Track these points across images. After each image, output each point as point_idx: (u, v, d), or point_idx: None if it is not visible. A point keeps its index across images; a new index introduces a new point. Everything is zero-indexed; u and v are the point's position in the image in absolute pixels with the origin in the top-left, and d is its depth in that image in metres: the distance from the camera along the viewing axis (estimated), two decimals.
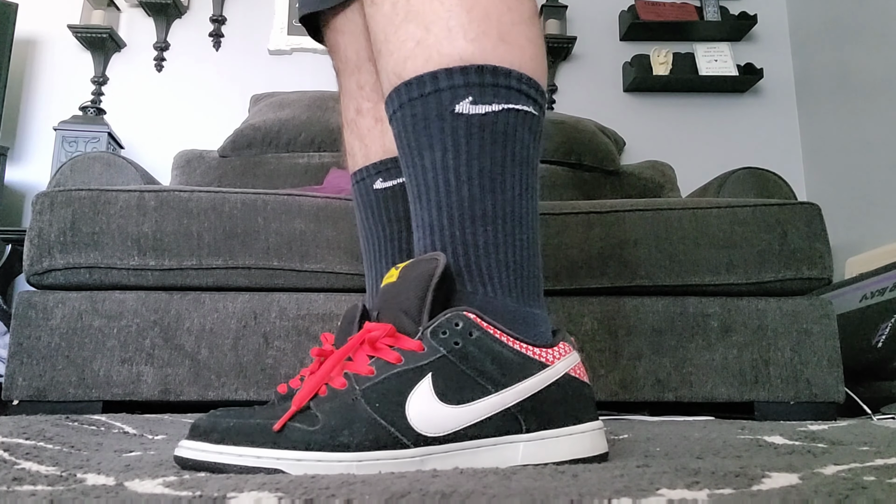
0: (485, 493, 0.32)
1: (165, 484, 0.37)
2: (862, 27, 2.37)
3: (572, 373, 0.51)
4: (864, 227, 2.33)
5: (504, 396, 0.48)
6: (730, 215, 1.37)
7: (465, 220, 0.52)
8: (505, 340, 0.49)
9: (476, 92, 0.52)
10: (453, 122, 0.52)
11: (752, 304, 1.35)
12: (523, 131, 0.53)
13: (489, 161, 0.52)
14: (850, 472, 0.39)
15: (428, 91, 0.52)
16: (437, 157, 0.52)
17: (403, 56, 0.53)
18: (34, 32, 2.58)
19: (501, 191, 0.52)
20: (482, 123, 0.52)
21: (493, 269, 0.52)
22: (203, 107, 2.59)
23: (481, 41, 0.52)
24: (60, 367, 1.24)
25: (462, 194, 0.52)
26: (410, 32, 0.53)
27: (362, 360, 0.48)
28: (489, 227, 0.52)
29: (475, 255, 0.52)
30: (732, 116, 2.71)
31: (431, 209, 0.53)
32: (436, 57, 0.52)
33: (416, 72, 0.52)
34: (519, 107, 0.53)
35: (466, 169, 0.52)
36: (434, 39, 0.52)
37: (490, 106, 0.52)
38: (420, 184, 0.54)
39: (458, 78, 0.52)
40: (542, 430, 0.49)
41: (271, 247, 1.31)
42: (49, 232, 1.27)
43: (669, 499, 0.31)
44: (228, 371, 1.27)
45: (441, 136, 0.52)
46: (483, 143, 0.52)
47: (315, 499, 0.32)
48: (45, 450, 0.52)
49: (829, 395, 1.32)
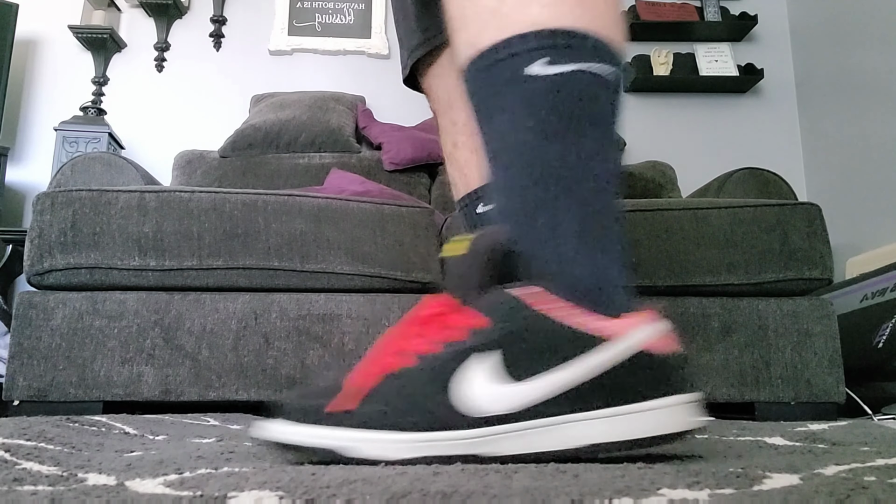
0: (485, 493, 0.32)
1: (166, 483, 0.37)
2: (862, 27, 2.36)
3: (648, 345, 0.47)
4: (864, 228, 2.32)
5: (571, 372, 0.45)
6: (730, 215, 1.37)
7: (538, 180, 0.51)
8: (573, 313, 0.46)
9: (550, 54, 0.51)
10: (525, 85, 0.51)
11: (752, 304, 1.35)
12: (598, 93, 0.52)
13: (564, 121, 0.51)
14: (851, 472, 0.39)
15: (502, 57, 0.52)
16: (510, 120, 0.52)
17: (479, 28, 0.53)
18: (35, 33, 2.58)
19: (576, 151, 0.51)
20: (555, 84, 0.51)
21: (567, 234, 0.50)
22: (203, 107, 2.59)
23: (557, 5, 0.52)
24: (61, 368, 1.24)
25: (534, 155, 0.51)
26: (485, 3, 0.53)
27: (429, 336, 0.47)
28: (562, 188, 0.50)
29: (548, 217, 0.50)
30: (733, 117, 2.71)
31: (503, 174, 0.53)
32: (510, 24, 0.52)
33: (491, 41, 0.52)
34: (594, 68, 0.52)
35: (541, 129, 0.51)
36: (508, 7, 0.52)
37: (563, 66, 0.51)
38: (495, 146, 0.54)
39: (531, 42, 0.51)
40: (613, 406, 0.45)
41: (272, 247, 1.31)
42: (50, 232, 1.27)
43: (670, 499, 0.31)
44: (229, 371, 1.27)
45: (513, 99, 0.52)
46: (556, 103, 0.51)
47: (316, 498, 0.32)
48: (45, 450, 0.52)
49: (830, 396, 1.32)
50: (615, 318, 0.47)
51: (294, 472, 0.38)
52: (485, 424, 0.44)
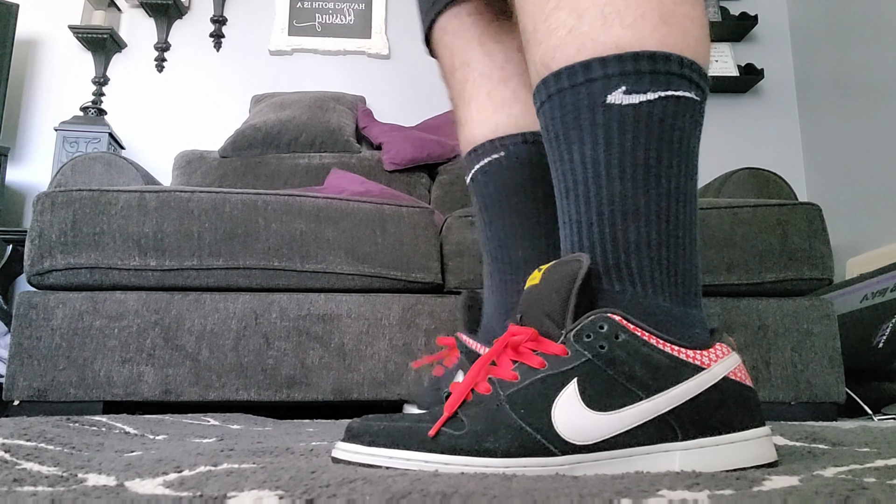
0: (486, 494, 0.32)
1: (166, 484, 0.37)
2: (862, 27, 2.36)
3: (732, 376, 0.47)
4: (864, 228, 2.32)
5: (656, 403, 0.45)
6: (730, 215, 1.37)
7: (616, 216, 0.49)
8: (654, 343, 0.46)
9: (631, 80, 0.49)
10: (605, 114, 0.49)
11: (752, 304, 1.35)
12: (683, 120, 0.51)
13: (643, 154, 0.49)
14: (851, 473, 0.39)
15: (579, 81, 0.50)
16: (586, 152, 0.50)
17: (553, 45, 0.51)
18: (35, 33, 2.58)
19: (656, 185, 0.49)
20: (637, 114, 0.49)
21: (644, 268, 0.49)
22: (204, 107, 2.59)
23: (639, 25, 0.49)
24: (61, 368, 1.24)
25: (613, 189, 0.49)
26: (562, 20, 0.50)
27: (506, 364, 0.47)
28: (641, 224, 0.49)
29: (625, 254, 0.49)
30: (733, 117, 2.71)
31: (580, 205, 0.51)
32: (589, 45, 0.49)
33: (567, 61, 0.50)
34: (679, 93, 0.50)
35: (618, 162, 0.49)
36: (588, 27, 0.49)
37: (646, 95, 0.49)
38: (568, 179, 0.51)
39: (612, 67, 0.49)
40: (701, 437, 0.45)
41: (272, 247, 1.31)
42: (50, 232, 1.27)
43: (670, 500, 0.31)
44: (229, 371, 1.27)
45: (592, 129, 0.49)
46: (637, 134, 0.49)
47: (316, 498, 0.32)
48: (45, 450, 0.52)
49: (830, 396, 1.32)
50: (699, 349, 0.47)
51: (294, 472, 0.38)
52: (577, 452, 0.44)
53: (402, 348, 1.32)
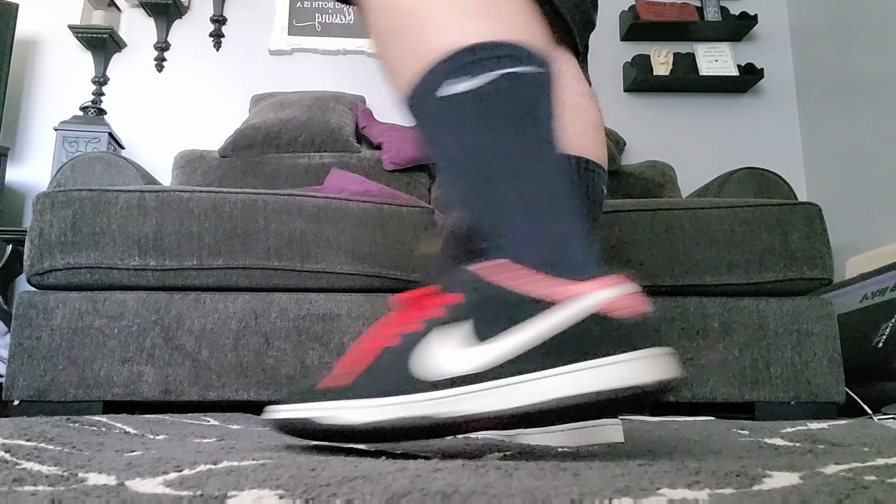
0: (486, 493, 0.32)
1: (166, 483, 0.37)
2: (862, 27, 2.37)
3: (602, 307, 0.49)
4: (864, 228, 2.32)
5: (526, 334, 0.49)
6: (730, 215, 1.37)
7: (486, 178, 0.55)
8: (530, 281, 0.50)
9: (471, 69, 0.55)
10: (456, 103, 0.55)
11: (752, 304, 1.35)
12: (521, 89, 0.55)
13: (494, 123, 0.55)
14: (851, 471, 0.39)
15: (421, 92, 0.57)
16: (449, 138, 0.56)
17: (404, 69, 0.58)
18: (35, 32, 2.58)
19: (513, 145, 0.55)
20: (478, 94, 0.55)
21: (519, 221, 0.54)
22: (203, 107, 2.59)
23: (450, 29, 0.56)
24: (61, 368, 1.24)
25: (476, 160, 0.55)
26: (396, 49, 0.58)
27: (410, 317, 0.53)
28: (507, 175, 0.54)
29: (501, 213, 0.55)
30: (733, 116, 2.71)
31: (455, 177, 0.58)
32: (430, 54, 0.56)
33: (418, 75, 0.57)
34: (508, 70, 0.55)
35: (476, 137, 0.55)
36: (413, 44, 0.57)
37: (473, 80, 0.54)
38: (440, 163, 0.58)
39: (439, 71, 0.55)
40: (581, 361, 0.48)
41: (272, 247, 1.31)
42: (50, 232, 1.27)
43: (670, 499, 0.31)
44: (229, 371, 1.27)
45: (449, 120, 0.56)
46: (484, 110, 0.55)
47: (316, 497, 0.32)
48: (46, 450, 0.52)
49: (830, 396, 1.32)
50: (576, 282, 0.50)
51: (294, 471, 0.38)
52: (449, 386, 0.49)
53: None
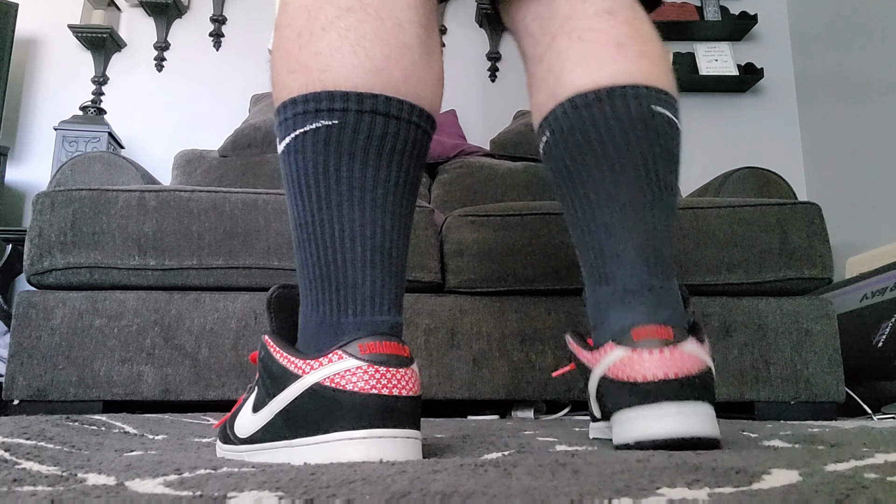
0: (485, 494, 0.32)
1: (166, 483, 0.37)
2: (862, 27, 2.37)
3: (326, 382, 0.49)
4: (864, 227, 2.33)
5: (272, 405, 0.53)
6: (730, 215, 1.37)
7: (294, 245, 0.57)
8: (278, 356, 0.53)
9: (280, 130, 0.56)
10: (281, 160, 0.57)
11: (752, 303, 1.35)
12: (308, 150, 0.53)
13: (288, 188, 0.56)
14: (851, 470, 0.39)
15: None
16: None
17: None
18: (34, 32, 2.58)
19: (302, 211, 0.54)
20: (282, 158, 0.56)
21: (305, 286, 0.55)
22: (203, 107, 2.59)
23: (276, 83, 0.56)
24: (61, 367, 1.24)
25: (292, 221, 0.57)
26: None
27: None
28: (301, 249, 0.55)
29: (298, 275, 0.56)
30: (733, 116, 2.71)
31: None
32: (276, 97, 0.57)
33: None
34: (298, 132, 0.54)
35: (288, 198, 0.56)
36: (274, 85, 0.57)
37: (284, 141, 0.55)
38: None
39: (277, 121, 0.57)
40: (301, 437, 0.51)
41: (272, 247, 1.31)
42: (49, 232, 1.27)
43: (670, 498, 0.31)
44: (229, 371, 1.27)
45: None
46: (286, 173, 0.55)
47: (315, 498, 0.32)
48: (45, 450, 0.52)
49: (830, 395, 1.32)
50: (309, 359, 0.51)
51: (294, 472, 0.38)
52: (241, 443, 0.57)
53: None
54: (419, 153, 0.56)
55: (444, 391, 1.30)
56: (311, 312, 0.54)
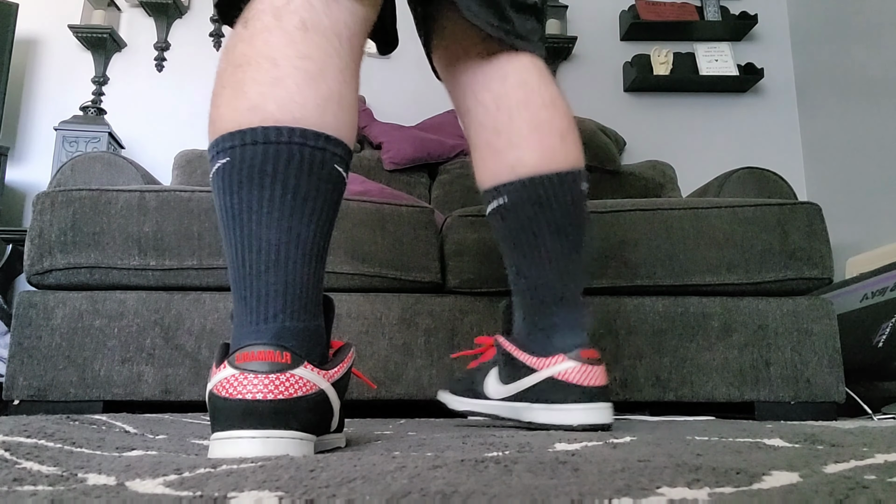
0: (485, 493, 0.32)
1: (166, 483, 0.37)
2: (862, 27, 2.37)
3: (215, 389, 0.56)
4: (864, 227, 2.33)
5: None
6: (730, 215, 1.37)
7: None
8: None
9: (219, 155, 0.62)
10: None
11: (752, 303, 1.35)
12: (220, 181, 0.61)
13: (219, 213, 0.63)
14: (851, 470, 0.39)
15: None
16: None
17: None
18: (35, 32, 2.58)
19: (223, 232, 0.62)
20: (213, 181, 0.63)
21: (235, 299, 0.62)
22: (203, 107, 2.57)
23: (209, 126, 0.64)
24: (61, 367, 1.24)
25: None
26: None
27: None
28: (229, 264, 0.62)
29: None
30: (733, 116, 2.71)
31: None
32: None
33: None
34: (214, 167, 0.62)
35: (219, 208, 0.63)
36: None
37: (216, 163, 0.62)
38: None
39: (213, 149, 0.63)
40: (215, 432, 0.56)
41: None
42: (50, 232, 1.27)
43: (670, 498, 0.31)
44: None
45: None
46: (217, 194, 0.62)
47: (316, 498, 0.32)
48: (45, 449, 0.52)
49: (830, 395, 1.32)
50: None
51: (293, 472, 0.38)
52: None
53: (402, 348, 1.32)
54: (309, 167, 0.62)
55: None
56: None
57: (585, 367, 0.79)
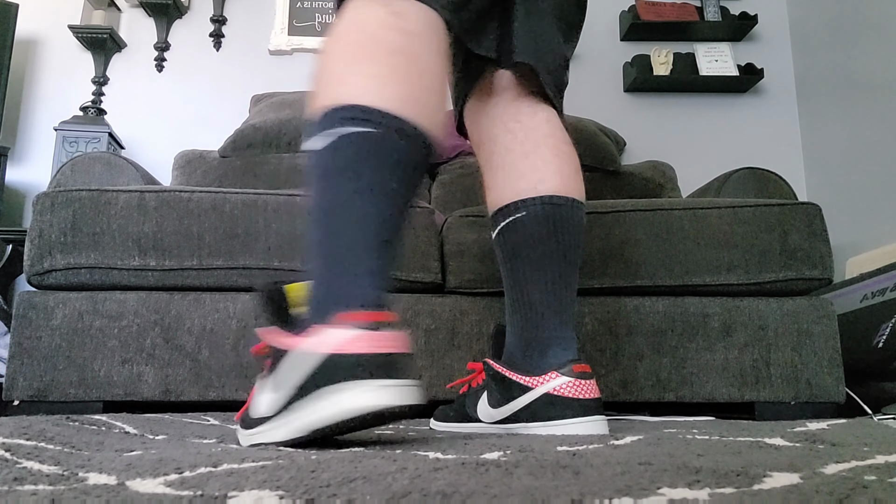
0: (486, 493, 0.32)
1: (167, 483, 0.37)
2: (862, 27, 2.37)
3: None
4: (864, 228, 2.33)
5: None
6: (730, 215, 1.37)
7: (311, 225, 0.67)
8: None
9: (317, 131, 0.67)
10: (312, 159, 0.67)
11: (752, 304, 1.35)
12: (349, 150, 0.65)
13: (330, 177, 0.66)
14: (852, 471, 0.39)
15: (307, 143, 0.69)
16: (309, 186, 0.68)
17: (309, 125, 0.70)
18: (35, 32, 2.58)
19: (327, 208, 0.65)
20: (323, 154, 0.66)
21: (316, 261, 0.65)
22: (203, 107, 2.59)
23: (321, 94, 0.68)
24: (61, 368, 1.24)
25: (312, 208, 0.67)
26: (316, 91, 0.70)
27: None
28: (313, 247, 0.66)
29: (313, 256, 0.67)
30: (733, 116, 2.71)
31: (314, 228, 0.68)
32: (314, 110, 0.68)
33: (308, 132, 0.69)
34: (351, 130, 0.65)
35: (317, 185, 0.66)
36: (317, 95, 0.69)
37: (326, 138, 0.66)
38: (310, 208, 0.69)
39: (312, 127, 0.68)
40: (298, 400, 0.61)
41: (272, 247, 1.31)
42: (50, 232, 1.27)
43: (671, 498, 0.31)
44: (229, 371, 1.27)
45: (310, 171, 0.68)
46: (326, 166, 0.66)
47: (316, 498, 0.32)
48: (46, 449, 0.52)
49: (830, 396, 1.32)
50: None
51: (294, 472, 0.38)
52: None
53: None
54: (421, 165, 0.70)
55: (444, 392, 1.30)
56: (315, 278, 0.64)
57: (579, 382, 0.83)
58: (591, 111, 2.55)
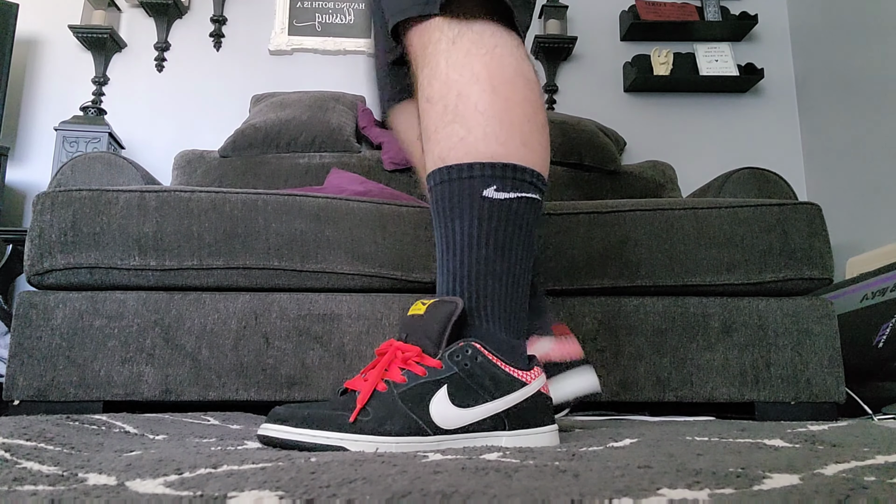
0: (486, 493, 0.32)
1: (166, 484, 0.37)
2: (862, 27, 2.36)
3: (542, 390, 0.70)
4: (864, 227, 2.32)
5: (496, 404, 0.66)
6: (730, 215, 1.37)
7: (480, 273, 0.70)
8: (500, 364, 0.67)
9: (500, 182, 0.70)
10: (481, 203, 0.70)
11: (752, 304, 1.35)
12: (529, 213, 0.72)
13: (503, 233, 0.70)
14: (851, 472, 0.39)
15: (465, 176, 0.70)
16: (464, 226, 0.70)
17: (448, 147, 0.71)
18: (35, 32, 2.58)
19: (508, 255, 0.71)
20: (501, 206, 0.70)
21: (495, 312, 0.70)
22: (204, 107, 2.59)
23: (508, 145, 0.70)
24: (61, 368, 1.24)
25: (480, 255, 0.70)
26: (455, 131, 0.71)
27: (396, 371, 0.66)
28: (496, 281, 0.70)
29: (483, 300, 0.70)
30: (733, 116, 2.71)
31: (456, 261, 0.71)
32: (473, 152, 0.70)
33: (458, 160, 0.70)
34: (529, 195, 0.71)
35: (486, 237, 0.70)
36: (473, 139, 0.70)
37: (509, 193, 0.70)
38: (449, 241, 0.72)
39: (488, 170, 0.69)
40: (519, 429, 0.67)
41: (272, 247, 1.31)
42: (50, 232, 1.27)
43: (670, 499, 0.31)
44: (229, 371, 1.27)
45: (470, 211, 0.70)
46: (500, 220, 0.70)
47: (316, 498, 0.32)
48: (46, 450, 0.52)
49: (830, 396, 1.32)
50: (524, 370, 0.69)
51: (294, 472, 0.38)
52: (444, 433, 0.64)
53: None
54: None
55: None
56: (497, 332, 0.71)
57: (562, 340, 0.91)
58: (592, 111, 2.55)
